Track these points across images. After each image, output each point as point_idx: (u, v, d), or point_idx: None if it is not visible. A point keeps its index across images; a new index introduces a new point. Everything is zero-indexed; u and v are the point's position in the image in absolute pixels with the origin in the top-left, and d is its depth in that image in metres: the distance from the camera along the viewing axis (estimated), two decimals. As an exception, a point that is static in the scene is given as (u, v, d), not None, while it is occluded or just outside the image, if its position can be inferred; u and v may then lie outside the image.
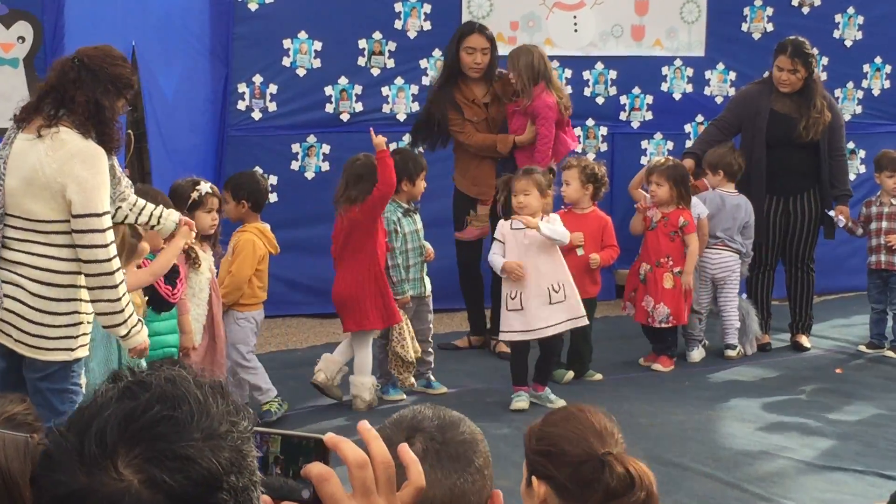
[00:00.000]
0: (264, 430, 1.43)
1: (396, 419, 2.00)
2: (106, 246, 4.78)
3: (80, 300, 4.88)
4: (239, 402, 1.34)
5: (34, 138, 4.79)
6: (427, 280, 7.49)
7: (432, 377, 7.48)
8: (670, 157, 8.47)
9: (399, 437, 1.93)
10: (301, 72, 9.04)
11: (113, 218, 4.96)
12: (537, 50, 8.20)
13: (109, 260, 4.79)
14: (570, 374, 7.68)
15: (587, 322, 7.27)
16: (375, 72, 9.23)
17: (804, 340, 8.67)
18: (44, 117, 4.81)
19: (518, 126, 8.11)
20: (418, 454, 1.90)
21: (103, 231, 4.78)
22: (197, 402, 1.29)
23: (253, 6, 8.84)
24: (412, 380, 7.25)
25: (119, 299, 4.83)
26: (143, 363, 5.01)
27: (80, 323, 4.91)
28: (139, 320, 4.98)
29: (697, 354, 8.28)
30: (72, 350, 4.90)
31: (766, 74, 9.05)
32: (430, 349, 7.50)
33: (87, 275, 4.81)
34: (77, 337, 4.90)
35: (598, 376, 7.80)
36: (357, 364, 7.05)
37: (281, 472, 1.42)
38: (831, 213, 8.50)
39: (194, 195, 6.27)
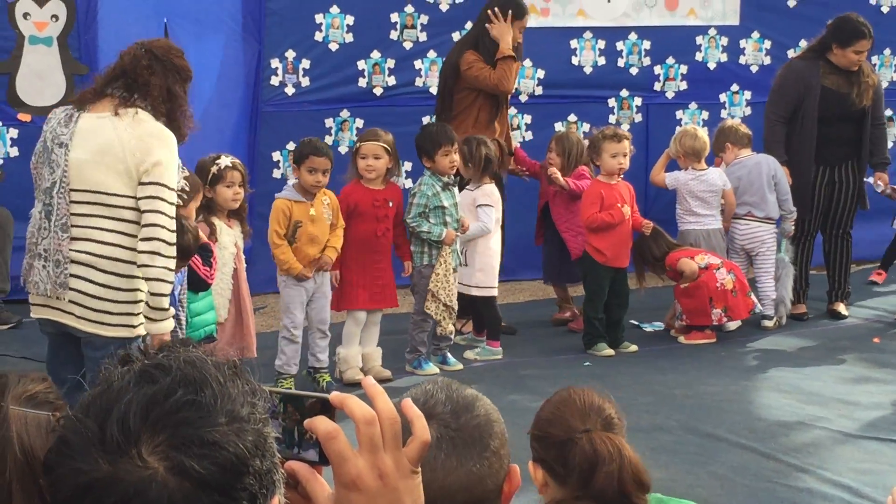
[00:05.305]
0: (271, 388, 1.40)
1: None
2: (172, 217, 4.83)
3: (140, 278, 4.90)
4: (253, 381, 1.31)
5: (109, 115, 4.83)
6: (459, 253, 7.40)
7: (449, 353, 7.38)
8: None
9: None
10: (333, 46, 9.04)
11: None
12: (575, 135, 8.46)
13: (172, 231, 4.82)
14: (610, 350, 7.66)
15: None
16: (408, 45, 9.21)
17: (841, 308, 8.64)
18: (118, 99, 4.85)
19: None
20: (432, 442, 1.90)
21: (171, 204, 4.84)
22: (219, 384, 1.25)
23: (285, -19, 8.84)
24: (451, 326, 7.24)
25: (170, 269, 4.85)
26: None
27: (140, 301, 4.92)
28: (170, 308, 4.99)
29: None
30: (133, 327, 4.92)
31: (802, 43, 8.95)
32: (453, 325, 7.42)
33: (144, 239, 4.79)
34: (137, 314, 4.93)
35: (634, 347, 7.78)
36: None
37: (283, 430, 1.40)
38: (869, 180, 8.45)
39: (213, 169, 6.29)
